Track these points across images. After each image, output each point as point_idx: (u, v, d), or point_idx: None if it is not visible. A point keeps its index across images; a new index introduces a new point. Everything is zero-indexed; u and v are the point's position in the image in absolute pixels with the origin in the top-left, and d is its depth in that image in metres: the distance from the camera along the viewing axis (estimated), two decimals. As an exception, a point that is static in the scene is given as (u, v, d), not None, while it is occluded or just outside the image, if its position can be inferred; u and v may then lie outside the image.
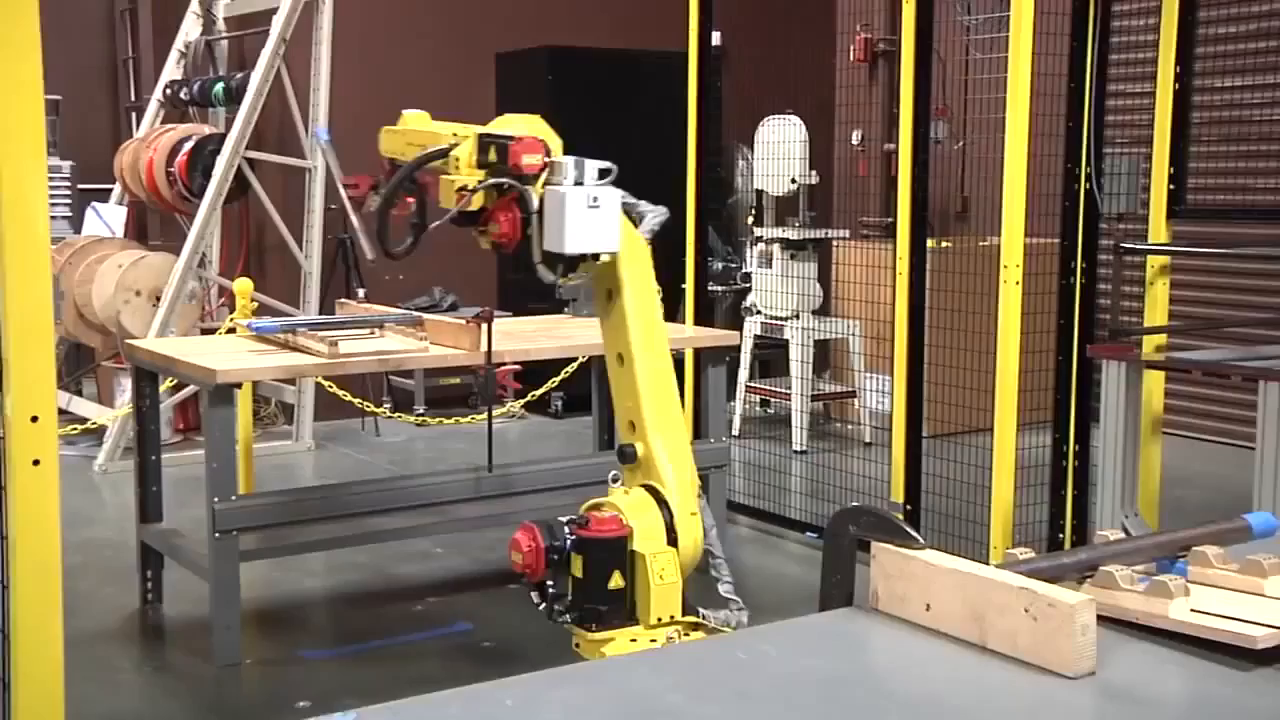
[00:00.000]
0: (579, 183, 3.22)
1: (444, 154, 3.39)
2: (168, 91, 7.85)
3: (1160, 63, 5.02)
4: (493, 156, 3.30)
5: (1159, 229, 5.06)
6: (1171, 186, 5.01)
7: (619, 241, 3.27)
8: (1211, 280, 6.93)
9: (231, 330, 5.67)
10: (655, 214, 3.48)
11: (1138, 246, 5.06)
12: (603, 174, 3.26)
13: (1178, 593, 1.45)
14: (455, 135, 3.45)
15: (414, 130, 3.69)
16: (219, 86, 7.50)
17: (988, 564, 1.50)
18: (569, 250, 3.19)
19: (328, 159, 4.23)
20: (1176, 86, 4.96)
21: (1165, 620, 1.43)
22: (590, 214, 3.19)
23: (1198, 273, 6.78)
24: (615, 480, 3.32)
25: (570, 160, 3.25)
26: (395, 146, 3.76)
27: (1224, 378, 4.45)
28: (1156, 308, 5.09)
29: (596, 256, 3.27)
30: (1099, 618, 1.36)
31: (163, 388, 5.83)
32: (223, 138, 7.14)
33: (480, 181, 3.27)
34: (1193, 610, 1.43)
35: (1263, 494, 4.19)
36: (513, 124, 3.39)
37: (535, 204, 3.22)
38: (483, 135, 3.37)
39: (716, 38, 6.20)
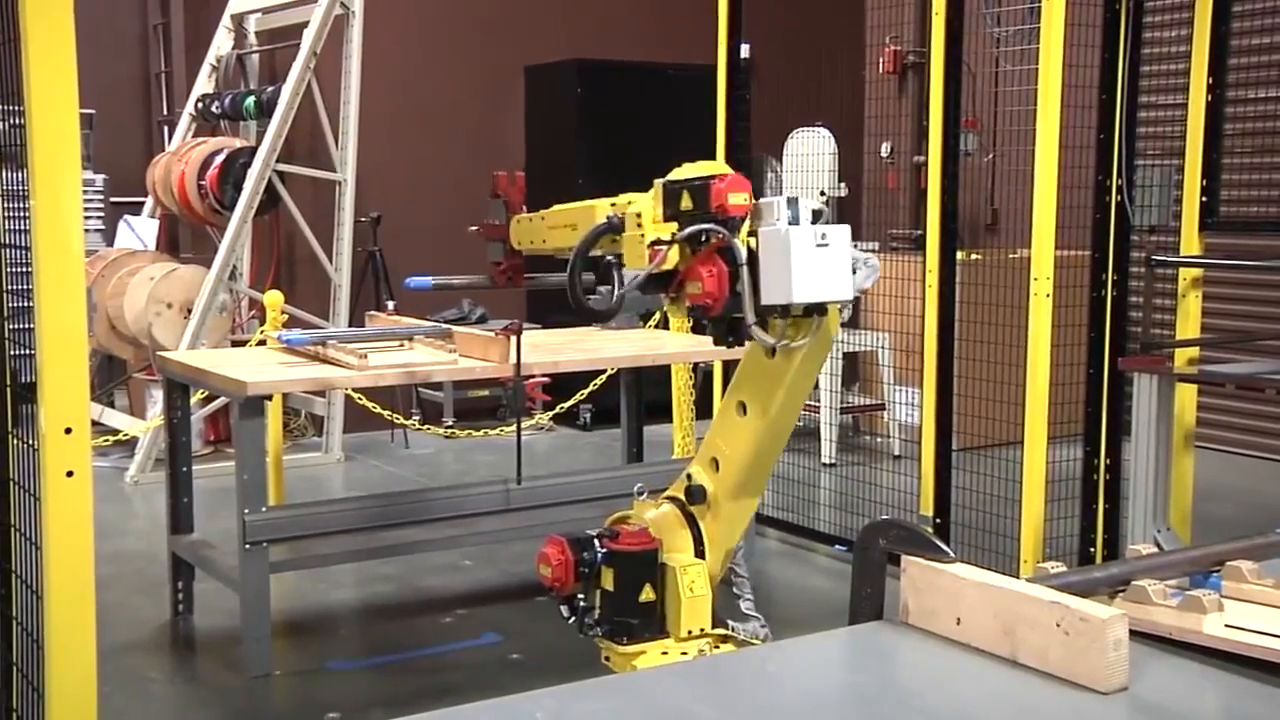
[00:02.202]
0: (794, 223, 2.66)
1: (614, 229, 2.88)
2: (199, 105, 7.91)
3: (1192, 74, 4.99)
4: (686, 203, 2.77)
5: (1191, 241, 5.02)
6: (1204, 198, 4.97)
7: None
8: (1244, 293, 6.87)
9: (262, 342, 5.70)
10: (868, 269, 2.76)
11: (1170, 259, 5.02)
12: (816, 216, 2.69)
13: (1211, 608, 1.44)
14: (614, 205, 2.93)
15: (558, 211, 3.23)
16: (250, 100, 7.56)
17: (1018, 578, 1.49)
18: (796, 299, 2.60)
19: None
20: (1209, 98, 4.93)
21: (1199, 636, 1.42)
22: (819, 254, 2.61)
23: (1230, 285, 6.72)
24: (641, 494, 3.30)
25: (780, 199, 2.67)
26: (533, 235, 3.35)
27: (1258, 391, 4.41)
28: (1189, 320, 5.05)
29: (823, 310, 2.69)
30: (1131, 633, 1.35)
31: (194, 399, 5.87)
32: (254, 151, 7.20)
33: (675, 233, 2.75)
34: (1227, 626, 1.42)
35: (1298, 508, 4.15)
36: (695, 171, 2.83)
37: (744, 254, 2.66)
38: (668, 182, 2.83)
39: (745, 50, 6.20)
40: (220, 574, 4.52)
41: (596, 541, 3.08)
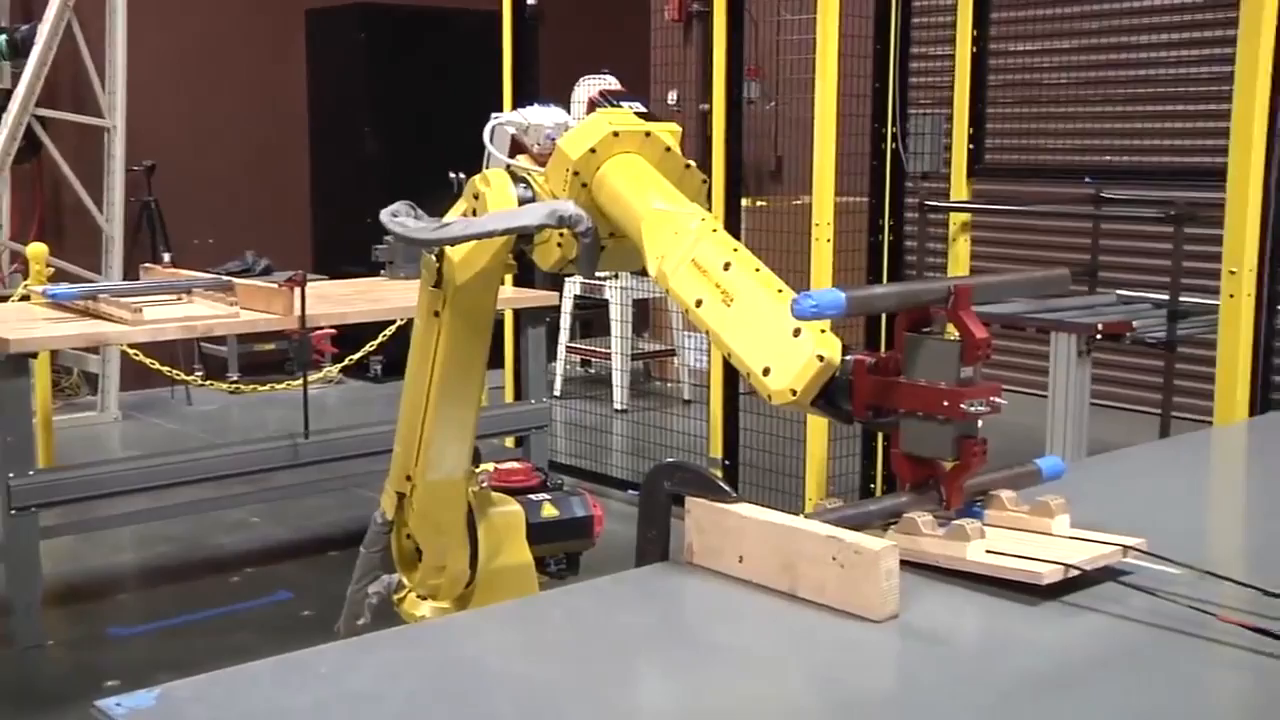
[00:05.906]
0: None
1: None
2: (-54, 44, 7.38)
3: (959, 27, 5.20)
4: None
5: (960, 187, 5.26)
6: (971, 146, 5.21)
7: None
8: (1008, 237, 7.23)
9: (25, 298, 5.40)
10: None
11: (940, 204, 5.25)
12: None
13: (974, 535, 1.52)
14: None
15: None
16: (2, 39, 7.09)
17: (800, 515, 1.54)
18: None
19: None
20: (974, 50, 5.15)
21: (963, 563, 1.50)
22: None
23: (996, 229, 7.06)
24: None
25: None
26: None
27: (1019, 330, 4.66)
28: (959, 263, 5.30)
29: None
30: (903, 563, 1.42)
31: (-49, 359, 5.52)
32: (9, 94, 6.77)
33: None
34: (988, 551, 1.51)
35: (1054, 439, 4.42)
36: None
37: None
38: None
39: (532, -4, 6.15)
40: (-15, 543, 4.29)
41: None
